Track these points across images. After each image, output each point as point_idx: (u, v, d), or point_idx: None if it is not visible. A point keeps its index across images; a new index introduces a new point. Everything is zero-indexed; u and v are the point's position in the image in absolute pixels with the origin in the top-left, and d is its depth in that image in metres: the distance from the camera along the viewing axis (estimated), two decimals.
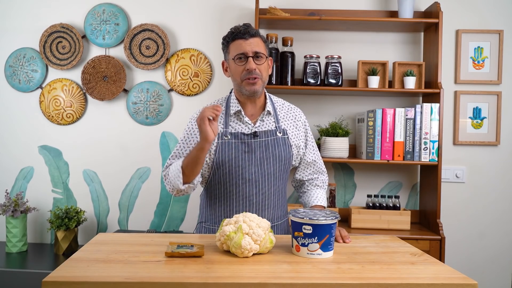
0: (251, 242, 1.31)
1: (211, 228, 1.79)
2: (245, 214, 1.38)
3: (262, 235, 1.32)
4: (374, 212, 2.50)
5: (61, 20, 2.78)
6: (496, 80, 2.70)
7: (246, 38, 1.67)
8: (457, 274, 1.20)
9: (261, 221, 1.37)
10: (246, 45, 1.66)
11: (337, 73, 2.56)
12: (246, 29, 1.67)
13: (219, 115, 1.58)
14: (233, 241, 1.31)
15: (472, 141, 2.72)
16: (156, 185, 2.79)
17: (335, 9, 2.71)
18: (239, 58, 1.67)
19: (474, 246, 2.73)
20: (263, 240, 1.33)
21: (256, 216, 1.39)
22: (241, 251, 1.30)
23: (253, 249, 1.31)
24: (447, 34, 2.70)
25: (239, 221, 1.36)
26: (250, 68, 1.65)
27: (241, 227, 1.32)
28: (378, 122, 2.51)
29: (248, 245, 1.30)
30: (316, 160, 1.89)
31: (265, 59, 1.70)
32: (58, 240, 2.57)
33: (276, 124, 1.77)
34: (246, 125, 1.74)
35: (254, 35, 1.68)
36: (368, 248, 1.45)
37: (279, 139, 1.75)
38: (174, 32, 2.78)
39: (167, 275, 1.14)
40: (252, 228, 1.33)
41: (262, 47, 1.70)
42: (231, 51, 1.70)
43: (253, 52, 1.66)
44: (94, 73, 2.75)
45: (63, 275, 1.12)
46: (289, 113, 1.83)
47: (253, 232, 1.32)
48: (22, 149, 2.81)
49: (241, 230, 1.32)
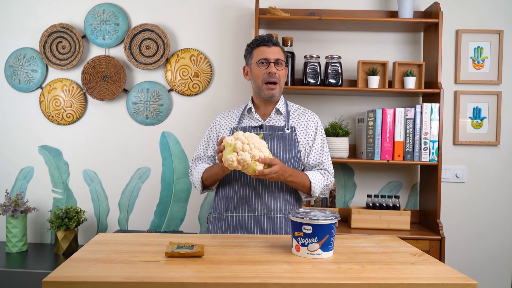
0: (234, 160, 1.54)
1: (216, 217, 1.88)
2: (250, 136, 1.57)
3: (247, 160, 1.54)
4: (374, 212, 2.50)
5: (61, 20, 2.78)
6: (496, 80, 2.71)
7: (269, 45, 1.87)
8: (457, 274, 1.20)
9: (256, 151, 1.55)
10: (269, 51, 1.87)
11: (337, 73, 2.56)
12: (270, 38, 1.89)
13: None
14: (224, 152, 1.57)
15: (472, 141, 2.72)
16: (156, 185, 2.79)
17: (335, 9, 2.71)
18: (262, 62, 1.87)
19: (474, 246, 2.73)
20: (246, 165, 1.55)
21: (258, 142, 1.56)
22: (224, 160, 1.56)
23: (233, 166, 1.55)
24: (447, 34, 2.70)
25: (239, 138, 1.56)
26: (272, 71, 1.84)
27: (236, 144, 1.54)
28: (378, 122, 2.51)
29: (231, 160, 1.54)
30: (323, 162, 1.92)
31: (284, 66, 1.90)
32: (58, 240, 2.57)
33: (285, 122, 1.90)
34: (256, 121, 1.93)
35: (276, 44, 1.90)
36: (368, 248, 1.45)
37: (286, 134, 1.87)
38: (174, 32, 2.78)
39: (167, 275, 1.14)
40: (243, 151, 1.54)
41: (282, 56, 1.90)
42: (254, 56, 1.89)
43: (274, 59, 1.86)
44: (94, 73, 2.75)
45: (63, 275, 1.12)
46: (303, 115, 1.96)
47: (241, 154, 1.54)
48: (22, 149, 2.81)
49: (233, 147, 1.54)
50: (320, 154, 1.91)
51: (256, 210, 1.80)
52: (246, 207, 1.81)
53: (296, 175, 1.78)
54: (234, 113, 2.01)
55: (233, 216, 1.83)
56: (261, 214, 1.80)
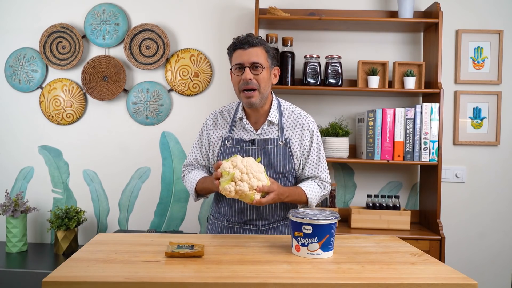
0: (232, 190, 1.51)
1: (217, 223, 1.85)
2: (248, 162, 1.53)
3: (245, 191, 1.50)
4: (374, 212, 2.50)
5: (61, 20, 2.78)
6: (496, 80, 2.70)
7: (245, 48, 1.69)
8: (457, 274, 1.20)
9: (254, 180, 1.51)
10: (244, 55, 1.68)
11: (337, 73, 2.56)
12: (246, 39, 1.69)
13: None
14: (221, 179, 1.53)
15: (472, 141, 2.72)
16: (156, 185, 2.79)
17: (335, 9, 2.71)
18: (237, 68, 1.71)
19: (474, 246, 2.73)
20: (244, 195, 1.51)
21: (256, 171, 1.52)
22: (222, 189, 1.52)
23: (231, 195, 1.52)
24: (447, 34, 2.70)
25: (237, 166, 1.52)
26: (245, 78, 1.67)
27: (234, 174, 1.50)
28: (378, 122, 2.51)
29: (229, 190, 1.51)
30: (319, 175, 1.82)
31: (263, 70, 1.69)
32: (58, 240, 2.57)
33: (279, 133, 1.77)
34: (248, 132, 1.78)
35: (254, 45, 1.69)
36: (368, 248, 1.45)
37: (280, 148, 1.76)
38: (174, 32, 2.78)
39: (167, 275, 1.14)
40: (242, 181, 1.51)
41: (262, 57, 1.70)
42: (232, 61, 1.74)
43: (250, 63, 1.68)
44: (94, 73, 2.75)
45: (63, 275, 1.12)
46: (297, 121, 1.80)
47: (239, 185, 1.50)
48: (22, 149, 2.81)
49: (231, 177, 1.51)
50: (316, 166, 1.81)
51: (254, 219, 1.77)
52: (244, 217, 1.77)
53: (293, 194, 1.71)
54: (225, 116, 1.85)
55: (229, 226, 1.80)
56: (256, 227, 1.77)
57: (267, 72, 1.72)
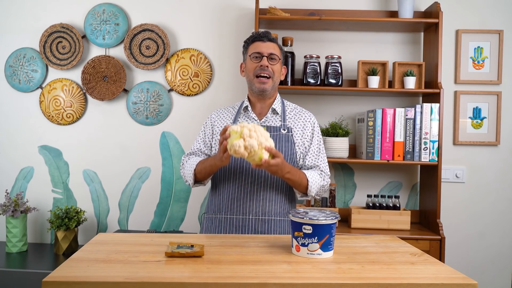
0: (241, 145, 1.47)
1: (210, 218, 1.87)
2: (256, 127, 1.51)
3: (255, 147, 1.47)
4: (374, 212, 2.50)
5: (61, 20, 2.78)
6: (496, 80, 2.71)
7: (264, 40, 1.86)
8: (457, 274, 1.20)
9: (262, 138, 1.50)
10: (263, 46, 1.85)
11: (337, 73, 2.56)
12: (265, 34, 1.88)
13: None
14: (230, 139, 1.49)
15: (472, 141, 2.72)
16: (156, 185, 2.79)
17: (335, 9, 2.71)
18: (255, 56, 1.85)
19: (474, 246, 2.73)
20: (253, 152, 1.48)
21: (264, 133, 1.52)
22: (230, 146, 1.49)
23: (240, 152, 1.47)
24: (447, 34, 2.70)
25: (245, 126, 1.50)
26: (264, 64, 1.81)
27: (243, 131, 1.48)
28: (378, 122, 2.51)
29: (238, 146, 1.47)
30: (319, 164, 1.89)
31: (278, 61, 1.86)
32: (58, 240, 2.57)
33: (282, 123, 1.87)
34: (252, 121, 1.89)
35: (272, 40, 1.87)
36: (368, 248, 1.45)
37: (282, 135, 1.85)
38: (174, 32, 2.78)
39: (167, 275, 1.14)
40: (251, 137, 1.48)
41: (277, 51, 1.87)
42: (249, 51, 1.88)
43: (268, 53, 1.84)
44: (94, 73, 2.75)
45: (63, 275, 1.12)
46: (300, 115, 1.93)
47: (248, 140, 1.47)
48: (22, 149, 2.81)
49: (240, 133, 1.48)
50: (316, 156, 1.88)
51: (250, 213, 1.78)
52: (240, 209, 1.79)
53: (295, 173, 1.75)
54: (229, 110, 1.97)
55: (226, 218, 1.81)
56: (255, 216, 1.78)
57: (280, 65, 1.89)
